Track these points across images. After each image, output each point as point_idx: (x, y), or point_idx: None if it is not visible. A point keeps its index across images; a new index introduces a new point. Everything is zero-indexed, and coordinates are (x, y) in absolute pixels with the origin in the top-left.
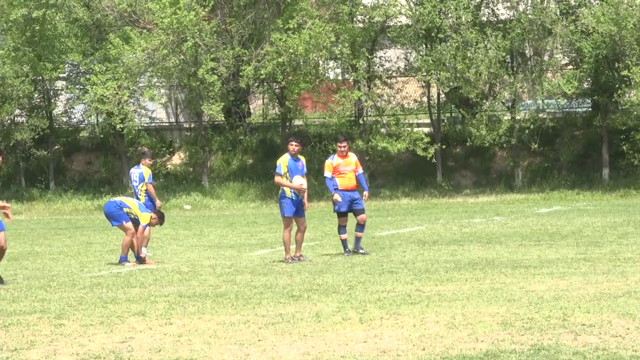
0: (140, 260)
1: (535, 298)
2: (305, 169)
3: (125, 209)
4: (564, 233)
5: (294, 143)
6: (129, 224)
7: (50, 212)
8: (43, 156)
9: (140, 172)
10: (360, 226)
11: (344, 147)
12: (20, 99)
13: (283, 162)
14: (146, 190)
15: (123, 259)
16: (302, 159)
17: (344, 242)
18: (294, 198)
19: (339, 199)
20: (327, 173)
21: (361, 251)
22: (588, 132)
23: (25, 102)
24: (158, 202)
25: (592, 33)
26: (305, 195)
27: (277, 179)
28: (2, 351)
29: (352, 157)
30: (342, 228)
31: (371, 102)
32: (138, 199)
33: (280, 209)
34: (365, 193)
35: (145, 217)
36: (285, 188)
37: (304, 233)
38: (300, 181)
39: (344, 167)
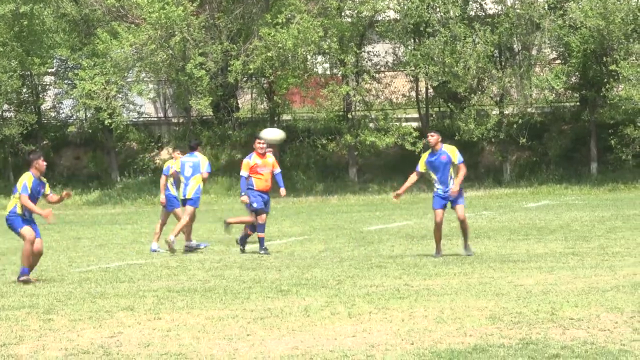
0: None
1: (523, 292)
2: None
3: None
4: (552, 227)
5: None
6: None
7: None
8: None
9: None
10: (261, 226)
11: (264, 146)
12: (9, 94)
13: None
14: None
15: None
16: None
17: (262, 240)
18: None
19: (247, 201)
20: (244, 172)
21: (262, 251)
22: (576, 127)
23: (14, 97)
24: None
25: (580, 27)
26: None
27: None
28: None
29: (270, 158)
30: (261, 226)
31: (359, 97)
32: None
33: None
34: (282, 190)
35: None
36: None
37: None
38: None
39: (262, 168)
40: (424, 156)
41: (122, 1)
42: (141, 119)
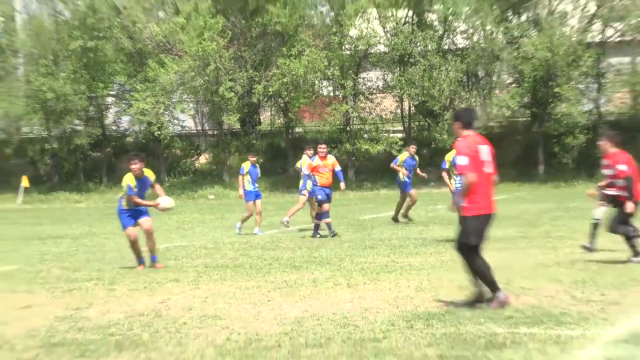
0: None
1: None
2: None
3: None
4: (508, 217)
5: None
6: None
7: (103, 201)
8: (97, 157)
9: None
10: (326, 213)
11: (325, 150)
12: (79, 112)
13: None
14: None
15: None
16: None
17: (329, 225)
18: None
19: (307, 194)
20: (306, 170)
21: (318, 236)
22: (527, 137)
23: (83, 114)
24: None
25: (531, 58)
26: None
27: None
28: (66, 310)
29: (330, 159)
30: (325, 214)
31: (356, 114)
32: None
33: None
34: (342, 184)
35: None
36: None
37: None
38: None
39: (323, 168)
40: (449, 155)
41: (168, 38)
42: (183, 131)
